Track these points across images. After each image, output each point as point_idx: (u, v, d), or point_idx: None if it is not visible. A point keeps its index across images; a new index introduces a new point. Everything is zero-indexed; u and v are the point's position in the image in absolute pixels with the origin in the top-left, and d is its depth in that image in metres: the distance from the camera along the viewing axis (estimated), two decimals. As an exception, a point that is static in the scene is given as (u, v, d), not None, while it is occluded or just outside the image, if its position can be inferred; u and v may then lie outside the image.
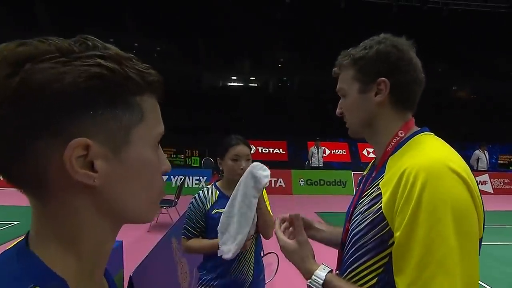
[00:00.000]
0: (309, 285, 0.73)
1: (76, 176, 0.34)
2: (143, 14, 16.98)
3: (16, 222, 5.25)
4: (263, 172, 1.40)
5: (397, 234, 0.63)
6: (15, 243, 0.39)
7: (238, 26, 16.19)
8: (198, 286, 1.57)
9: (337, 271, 0.81)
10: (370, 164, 0.94)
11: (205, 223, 1.54)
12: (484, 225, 0.66)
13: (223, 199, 1.55)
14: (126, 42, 16.17)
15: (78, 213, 0.36)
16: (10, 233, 4.62)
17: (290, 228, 0.88)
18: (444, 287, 0.57)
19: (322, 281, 0.71)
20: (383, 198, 0.68)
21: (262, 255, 1.55)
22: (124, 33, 16.93)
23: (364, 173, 0.93)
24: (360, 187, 0.85)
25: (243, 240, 1.40)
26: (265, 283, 1.64)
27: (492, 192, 9.29)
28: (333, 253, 0.89)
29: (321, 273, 0.73)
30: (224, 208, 1.49)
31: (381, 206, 0.68)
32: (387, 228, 0.66)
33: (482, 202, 0.65)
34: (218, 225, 1.46)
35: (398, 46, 0.77)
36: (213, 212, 1.52)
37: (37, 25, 14.67)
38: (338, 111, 0.87)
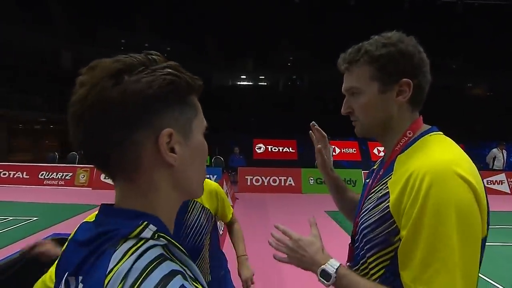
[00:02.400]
0: (323, 268, 0.76)
1: (167, 158, 0.44)
2: (154, 15, 17.18)
3: (35, 218, 5.44)
4: None
5: (403, 233, 0.67)
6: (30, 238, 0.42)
7: (247, 25, 16.20)
8: None
9: (349, 264, 0.84)
10: (380, 160, 0.95)
11: None
12: (488, 224, 0.69)
13: None
14: (137, 42, 16.42)
15: (159, 188, 0.46)
16: (30, 228, 4.78)
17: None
18: (445, 282, 0.62)
19: (338, 264, 0.76)
20: (390, 197, 0.71)
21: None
22: (135, 33, 17.18)
23: (374, 167, 0.94)
24: (369, 181, 0.88)
25: None
26: (230, 276, 1.59)
27: (509, 192, 9.00)
28: (340, 248, 0.90)
29: (335, 262, 0.77)
30: None
31: (388, 205, 0.71)
32: (393, 226, 0.70)
33: (488, 202, 0.68)
34: None
35: (418, 47, 0.77)
36: None
37: (53, 24, 15.04)
38: (345, 110, 0.84)
